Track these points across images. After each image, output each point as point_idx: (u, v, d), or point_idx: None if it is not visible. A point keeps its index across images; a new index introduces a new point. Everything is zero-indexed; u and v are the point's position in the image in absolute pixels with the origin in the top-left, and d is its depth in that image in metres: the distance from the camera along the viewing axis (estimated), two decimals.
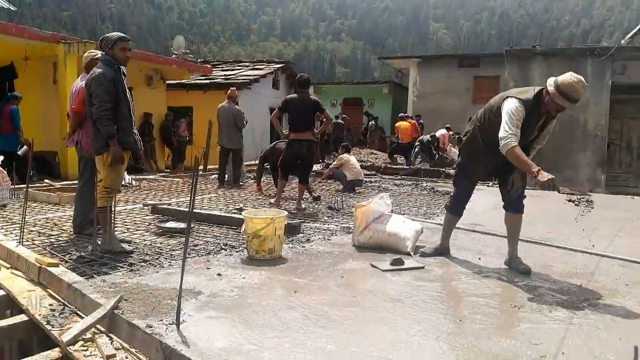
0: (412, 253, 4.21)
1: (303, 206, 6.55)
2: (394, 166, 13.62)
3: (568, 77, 3.46)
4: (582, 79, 3.46)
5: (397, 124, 15.24)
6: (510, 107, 3.56)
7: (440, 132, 14.69)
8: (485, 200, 6.81)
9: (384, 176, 11.61)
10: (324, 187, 9.44)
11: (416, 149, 14.12)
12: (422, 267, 3.85)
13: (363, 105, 24.19)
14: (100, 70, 4.02)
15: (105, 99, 3.96)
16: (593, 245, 4.63)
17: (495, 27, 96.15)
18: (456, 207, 4.24)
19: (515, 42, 17.29)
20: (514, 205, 3.92)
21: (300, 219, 5.64)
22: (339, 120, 16.89)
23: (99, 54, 4.67)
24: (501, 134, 3.52)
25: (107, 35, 4.18)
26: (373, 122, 21.30)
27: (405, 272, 3.73)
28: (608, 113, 11.85)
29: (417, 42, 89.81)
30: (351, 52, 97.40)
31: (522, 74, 12.36)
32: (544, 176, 3.29)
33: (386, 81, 24.65)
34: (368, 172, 11.44)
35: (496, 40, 75.72)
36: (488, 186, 8.58)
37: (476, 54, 21.03)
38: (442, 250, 4.26)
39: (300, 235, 4.90)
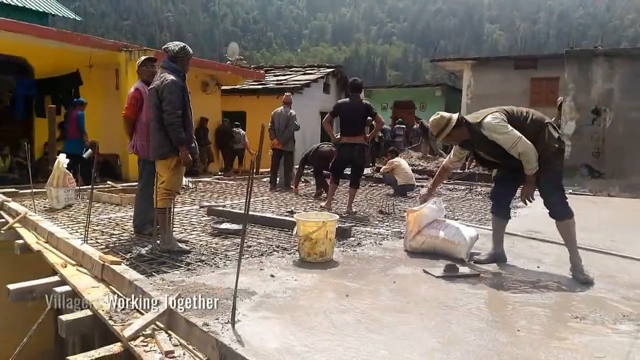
0: (466, 260, 4.11)
1: (354, 210, 6.55)
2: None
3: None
4: (437, 117, 3.88)
5: None
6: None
7: None
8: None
9: None
10: (374, 190, 9.39)
11: None
12: (477, 275, 3.75)
13: (414, 108, 23.79)
14: (172, 77, 4.14)
15: (177, 106, 4.09)
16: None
17: (553, 27, 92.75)
18: (494, 206, 4.22)
19: (575, 42, 16.55)
20: (550, 212, 3.90)
21: (351, 223, 5.63)
22: (387, 126, 16.86)
23: (142, 58, 4.90)
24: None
25: (186, 47, 4.30)
26: (417, 125, 20.82)
27: (459, 279, 3.66)
28: None
29: (471, 44, 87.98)
30: (402, 55, 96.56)
31: (582, 75, 11.86)
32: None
33: (438, 84, 24.16)
34: (419, 177, 11.27)
35: (554, 41, 72.99)
36: None
37: (533, 55, 20.28)
38: (498, 257, 4.15)
39: (352, 239, 4.90)
